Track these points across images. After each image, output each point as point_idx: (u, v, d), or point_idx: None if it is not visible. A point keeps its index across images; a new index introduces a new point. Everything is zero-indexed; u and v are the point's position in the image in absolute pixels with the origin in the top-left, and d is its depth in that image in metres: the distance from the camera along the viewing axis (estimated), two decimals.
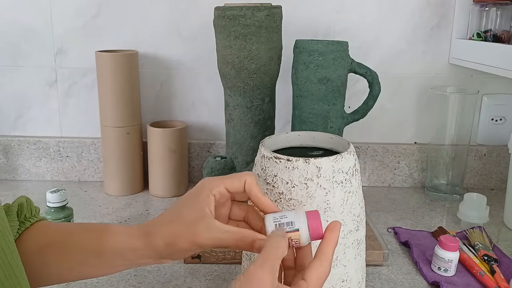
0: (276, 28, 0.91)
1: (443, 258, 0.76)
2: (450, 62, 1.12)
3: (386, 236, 0.92)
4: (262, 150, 0.59)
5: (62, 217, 0.83)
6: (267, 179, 0.57)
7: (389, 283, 0.76)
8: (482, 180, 1.18)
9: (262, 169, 0.58)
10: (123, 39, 1.12)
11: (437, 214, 1.03)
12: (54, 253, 0.51)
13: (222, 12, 0.89)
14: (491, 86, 1.13)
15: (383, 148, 1.16)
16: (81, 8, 1.10)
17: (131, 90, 1.06)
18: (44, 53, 1.13)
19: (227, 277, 0.77)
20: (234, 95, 0.94)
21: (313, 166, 0.54)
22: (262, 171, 0.58)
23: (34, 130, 1.18)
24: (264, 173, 0.58)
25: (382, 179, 1.18)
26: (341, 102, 0.92)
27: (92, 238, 0.51)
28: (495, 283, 0.73)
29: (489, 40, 1.02)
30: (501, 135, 1.15)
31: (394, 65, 1.13)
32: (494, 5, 1.01)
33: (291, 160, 0.55)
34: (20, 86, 1.15)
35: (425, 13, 1.10)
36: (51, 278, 0.52)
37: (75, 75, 1.14)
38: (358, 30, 1.11)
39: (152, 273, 0.78)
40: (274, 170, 0.56)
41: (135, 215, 1.00)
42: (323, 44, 0.87)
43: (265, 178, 0.57)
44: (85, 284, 0.75)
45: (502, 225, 0.98)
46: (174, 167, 1.08)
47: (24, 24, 1.11)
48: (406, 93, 1.15)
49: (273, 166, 0.56)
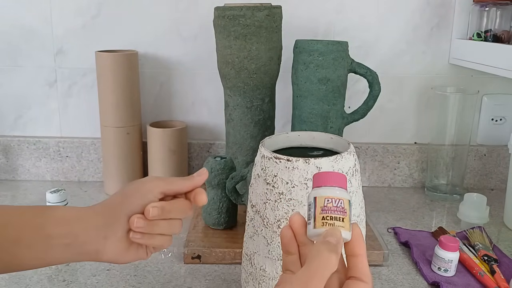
0: (276, 28, 0.91)
1: (443, 258, 0.76)
2: (450, 62, 1.12)
3: (386, 236, 0.92)
4: (262, 150, 0.59)
5: None
6: (267, 179, 0.57)
7: (389, 283, 0.76)
8: (482, 180, 1.18)
9: (262, 169, 0.58)
10: (123, 39, 1.11)
11: (437, 214, 1.03)
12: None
13: (222, 12, 0.89)
14: (491, 86, 1.13)
15: (383, 148, 1.16)
16: (81, 8, 1.10)
17: (131, 90, 1.05)
18: (44, 53, 1.13)
19: (227, 277, 0.77)
20: (234, 95, 0.94)
21: (313, 166, 0.54)
22: (262, 171, 0.58)
23: (34, 130, 1.18)
24: (264, 173, 0.58)
25: (382, 179, 1.18)
26: (341, 102, 0.92)
27: (34, 212, 0.50)
28: (495, 283, 0.73)
29: (489, 40, 1.02)
30: (501, 135, 1.15)
31: (394, 65, 1.13)
32: (494, 5, 1.01)
33: (291, 160, 0.55)
34: (20, 86, 1.15)
35: (425, 13, 1.10)
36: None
37: (75, 75, 1.14)
38: (358, 30, 1.11)
39: (152, 273, 0.78)
40: (274, 170, 0.56)
41: None
42: (323, 44, 0.87)
43: (265, 178, 0.57)
44: (85, 284, 0.75)
45: (502, 225, 0.98)
46: (174, 167, 1.08)
47: (24, 24, 1.11)
48: (406, 93, 1.15)
49: (273, 166, 0.56)
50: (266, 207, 0.58)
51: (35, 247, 0.48)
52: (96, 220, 0.50)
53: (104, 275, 0.77)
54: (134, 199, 0.50)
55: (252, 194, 0.61)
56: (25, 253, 0.48)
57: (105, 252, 0.50)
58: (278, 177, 0.56)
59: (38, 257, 0.49)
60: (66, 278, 0.76)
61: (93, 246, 0.49)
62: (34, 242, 0.48)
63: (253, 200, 0.61)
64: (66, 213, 0.50)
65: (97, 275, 0.77)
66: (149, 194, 0.50)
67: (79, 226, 0.49)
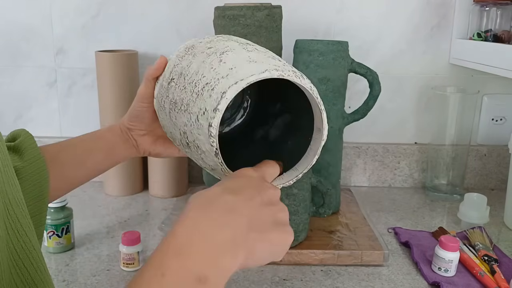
0: (276, 28, 0.91)
1: (444, 258, 0.76)
2: (450, 62, 1.12)
3: (386, 236, 0.92)
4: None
5: (61, 217, 0.83)
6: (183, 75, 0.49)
7: (389, 284, 0.76)
8: (482, 180, 1.18)
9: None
10: (123, 39, 1.11)
11: (438, 215, 1.03)
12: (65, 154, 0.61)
13: (222, 12, 0.89)
14: (491, 86, 1.13)
15: (383, 148, 1.16)
16: (81, 8, 1.10)
17: (131, 90, 1.05)
18: (44, 53, 1.13)
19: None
20: None
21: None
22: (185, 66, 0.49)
23: (34, 130, 1.16)
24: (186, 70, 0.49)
25: (382, 179, 1.18)
26: (341, 102, 0.92)
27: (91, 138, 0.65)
28: (495, 283, 0.73)
29: (489, 40, 1.01)
30: (501, 135, 1.14)
31: (394, 65, 1.13)
32: (494, 5, 1.01)
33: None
34: (20, 86, 1.15)
35: (425, 13, 1.10)
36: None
37: (75, 75, 1.14)
38: (358, 30, 1.10)
39: None
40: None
41: (135, 216, 1.00)
42: (323, 44, 0.87)
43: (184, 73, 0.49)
44: (85, 284, 0.75)
45: (502, 225, 0.98)
46: (173, 167, 1.08)
47: (24, 24, 1.11)
48: (406, 93, 1.15)
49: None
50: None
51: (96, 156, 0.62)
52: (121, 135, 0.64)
53: (104, 275, 0.77)
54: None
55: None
56: (95, 161, 0.62)
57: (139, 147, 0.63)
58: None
59: (103, 162, 0.63)
60: (66, 278, 0.76)
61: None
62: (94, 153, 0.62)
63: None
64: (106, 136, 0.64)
65: (97, 275, 0.77)
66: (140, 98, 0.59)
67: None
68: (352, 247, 0.82)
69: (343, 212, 0.97)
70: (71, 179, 0.62)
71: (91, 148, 0.62)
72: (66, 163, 0.60)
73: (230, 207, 0.39)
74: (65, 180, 0.60)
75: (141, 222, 0.97)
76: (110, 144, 0.63)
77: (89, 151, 0.62)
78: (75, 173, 0.61)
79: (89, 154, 0.62)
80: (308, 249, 0.81)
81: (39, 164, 0.55)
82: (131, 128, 0.63)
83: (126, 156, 0.65)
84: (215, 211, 0.38)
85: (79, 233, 0.90)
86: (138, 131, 0.63)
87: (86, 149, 0.62)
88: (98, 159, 0.62)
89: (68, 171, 0.60)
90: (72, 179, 0.62)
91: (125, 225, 0.95)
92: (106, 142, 0.63)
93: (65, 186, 0.61)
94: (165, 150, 0.64)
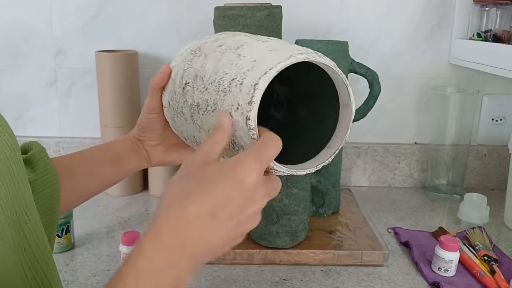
0: (276, 28, 0.91)
1: (444, 258, 0.76)
2: (450, 62, 1.12)
3: (386, 236, 0.92)
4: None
5: (61, 217, 0.83)
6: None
7: (389, 284, 0.76)
8: (482, 180, 1.18)
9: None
10: (123, 39, 1.11)
11: (438, 215, 1.03)
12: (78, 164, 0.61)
13: (222, 12, 0.89)
14: (491, 86, 1.13)
15: (383, 148, 1.16)
16: (81, 8, 1.10)
17: (131, 90, 1.05)
18: (44, 53, 1.13)
19: (227, 278, 0.77)
20: None
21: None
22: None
23: (34, 130, 1.18)
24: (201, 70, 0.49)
25: (382, 179, 1.18)
26: None
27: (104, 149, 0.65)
28: (495, 284, 0.73)
29: (489, 40, 1.01)
30: (501, 135, 1.14)
31: (394, 65, 1.13)
32: (494, 5, 1.01)
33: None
34: (20, 86, 1.15)
35: (425, 13, 1.10)
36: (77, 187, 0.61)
37: (75, 75, 1.14)
38: (358, 30, 1.10)
39: None
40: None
41: (135, 216, 1.00)
42: (323, 44, 0.87)
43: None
44: (85, 284, 0.75)
45: (502, 225, 0.98)
46: (174, 167, 1.08)
47: (24, 24, 1.11)
48: (406, 93, 1.15)
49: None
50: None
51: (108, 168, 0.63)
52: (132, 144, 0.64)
53: (104, 275, 0.77)
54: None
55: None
56: (104, 171, 0.63)
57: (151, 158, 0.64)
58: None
59: (113, 174, 0.63)
60: (66, 278, 0.76)
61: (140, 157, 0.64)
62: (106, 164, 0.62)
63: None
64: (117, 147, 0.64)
65: (97, 275, 0.77)
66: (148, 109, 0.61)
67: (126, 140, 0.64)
68: (352, 247, 0.82)
69: (343, 212, 0.97)
70: (81, 191, 0.61)
71: (100, 159, 0.62)
72: (76, 174, 0.60)
73: (201, 233, 0.38)
74: (75, 191, 0.60)
75: (141, 222, 0.97)
76: (119, 154, 0.63)
77: (98, 161, 0.62)
78: (85, 184, 0.61)
79: (99, 165, 0.62)
80: (308, 249, 0.81)
81: (51, 177, 0.55)
82: (141, 139, 0.63)
83: (136, 167, 0.64)
84: (186, 237, 0.38)
85: (79, 233, 0.90)
86: (149, 141, 0.63)
87: (96, 159, 0.62)
88: (107, 169, 0.62)
89: (78, 182, 0.60)
90: (82, 190, 0.62)
91: (125, 225, 0.95)
92: (116, 152, 0.63)
93: (75, 198, 0.61)
94: (179, 157, 0.64)
